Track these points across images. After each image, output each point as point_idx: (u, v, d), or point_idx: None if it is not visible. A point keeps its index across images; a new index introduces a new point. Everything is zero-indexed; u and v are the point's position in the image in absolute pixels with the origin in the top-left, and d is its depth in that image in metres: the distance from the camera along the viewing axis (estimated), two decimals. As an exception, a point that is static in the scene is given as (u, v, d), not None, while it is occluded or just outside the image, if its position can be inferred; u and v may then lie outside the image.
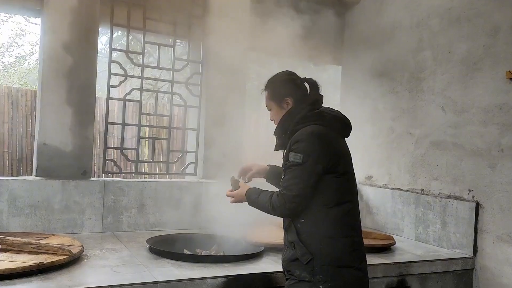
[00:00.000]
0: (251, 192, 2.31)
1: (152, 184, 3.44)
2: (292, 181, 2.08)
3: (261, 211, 2.26)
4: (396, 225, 3.83)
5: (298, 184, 2.06)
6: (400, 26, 3.91)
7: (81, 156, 3.31)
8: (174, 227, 3.48)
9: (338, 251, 2.08)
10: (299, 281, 2.09)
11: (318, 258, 2.05)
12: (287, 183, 2.10)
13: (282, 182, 2.15)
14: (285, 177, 2.13)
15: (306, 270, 2.06)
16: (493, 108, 3.14)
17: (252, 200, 2.29)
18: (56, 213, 3.14)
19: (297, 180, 2.07)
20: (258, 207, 2.26)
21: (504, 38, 3.08)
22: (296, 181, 2.07)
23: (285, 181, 2.11)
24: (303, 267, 2.07)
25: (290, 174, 2.10)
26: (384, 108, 4.02)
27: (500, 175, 3.08)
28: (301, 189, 2.06)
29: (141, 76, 3.48)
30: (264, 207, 2.20)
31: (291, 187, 2.07)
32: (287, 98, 2.28)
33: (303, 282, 2.08)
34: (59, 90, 3.26)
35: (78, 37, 3.28)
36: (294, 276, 2.12)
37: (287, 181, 2.10)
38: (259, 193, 2.26)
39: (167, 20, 3.56)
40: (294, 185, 2.07)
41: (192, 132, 3.72)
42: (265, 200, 2.18)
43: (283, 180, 2.14)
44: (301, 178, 2.06)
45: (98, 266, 2.43)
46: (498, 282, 3.06)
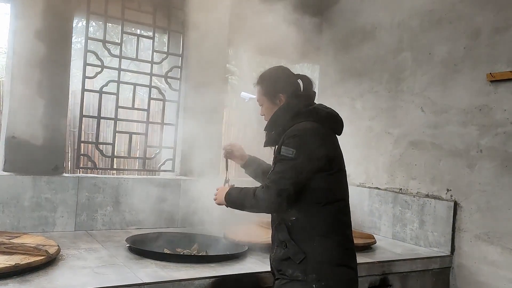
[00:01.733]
0: (231, 191, 2.22)
1: (128, 181, 3.30)
2: (280, 175, 2.00)
3: (243, 209, 2.16)
4: (373, 224, 3.85)
5: (286, 179, 1.99)
6: (380, 26, 3.93)
7: (52, 151, 3.13)
8: (151, 225, 3.36)
9: (331, 249, 2.05)
10: (291, 280, 2.04)
11: (311, 256, 2.01)
12: (274, 176, 2.02)
13: (270, 174, 2.07)
14: (274, 170, 2.05)
15: (298, 269, 2.02)
16: (472, 110, 3.20)
17: (232, 199, 2.19)
18: (26, 211, 2.96)
19: (286, 174, 2.00)
20: (239, 204, 2.16)
21: (485, 40, 3.14)
22: (284, 175, 2.00)
23: (273, 174, 2.03)
24: (296, 266, 2.02)
25: (279, 168, 2.03)
26: (362, 108, 4.04)
27: (479, 175, 3.14)
28: (288, 184, 1.98)
29: (119, 68, 3.33)
30: (246, 203, 2.10)
31: (279, 181, 1.99)
32: (281, 94, 2.23)
33: (296, 282, 2.03)
34: (30, 81, 3.06)
35: (52, 24, 3.10)
36: (286, 276, 2.06)
37: (275, 174, 2.02)
38: (240, 189, 2.18)
39: (147, 10, 3.43)
40: (282, 179, 1.99)
41: (170, 127, 3.60)
42: (249, 193, 2.07)
43: (271, 173, 2.06)
44: (290, 173, 1.99)
45: (77, 267, 2.29)
46: (475, 280, 3.13)
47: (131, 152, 3.45)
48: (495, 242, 3.02)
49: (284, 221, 2.08)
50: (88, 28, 3.23)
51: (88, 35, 3.24)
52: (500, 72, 3.00)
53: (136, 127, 5.61)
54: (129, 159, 3.53)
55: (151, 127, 3.48)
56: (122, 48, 3.34)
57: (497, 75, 3.01)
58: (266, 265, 2.53)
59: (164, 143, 3.55)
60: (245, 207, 2.14)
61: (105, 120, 3.39)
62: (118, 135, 3.36)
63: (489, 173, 3.08)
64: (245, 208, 2.14)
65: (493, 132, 3.07)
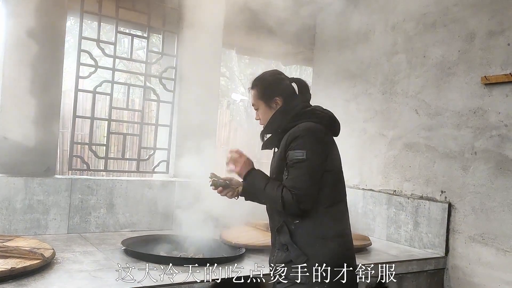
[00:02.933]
0: (256, 174, 2.10)
1: (122, 183, 3.26)
2: (300, 179, 1.96)
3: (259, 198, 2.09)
4: (367, 226, 3.86)
5: (307, 182, 1.96)
6: (375, 28, 3.95)
7: (45, 152, 3.08)
8: (145, 227, 3.32)
9: (333, 251, 2.04)
10: (293, 283, 2.03)
11: (314, 259, 2.00)
12: (294, 182, 1.97)
13: (288, 181, 2.01)
14: (291, 176, 2.00)
15: (301, 272, 2.00)
16: (467, 112, 3.23)
17: (255, 184, 2.08)
18: (18, 213, 2.89)
19: (306, 177, 1.96)
20: (262, 194, 2.06)
21: (480, 44, 3.17)
22: (304, 179, 1.96)
23: (292, 180, 1.98)
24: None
25: (296, 172, 1.98)
26: (356, 110, 4.05)
27: (473, 177, 3.17)
28: (310, 186, 1.96)
29: (113, 68, 3.28)
30: (271, 199, 2.02)
31: (301, 186, 1.95)
32: (277, 98, 2.20)
33: (299, 285, 2.01)
34: (22, 80, 3.01)
35: (44, 23, 3.05)
36: (288, 279, 2.05)
37: (294, 180, 1.98)
38: (265, 180, 2.06)
39: (141, 10, 3.39)
40: (303, 183, 1.96)
41: (164, 129, 3.56)
42: (275, 193, 1.99)
43: (289, 179, 2.00)
44: (309, 175, 1.97)
45: (74, 270, 2.24)
46: (469, 281, 3.15)
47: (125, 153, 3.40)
48: (490, 243, 3.04)
49: (287, 224, 2.06)
50: (82, 27, 3.18)
51: (81, 34, 3.18)
52: (495, 75, 3.03)
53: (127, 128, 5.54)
54: (123, 160, 3.47)
55: (145, 128, 3.44)
56: (116, 47, 3.30)
57: (492, 78, 3.04)
58: (264, 268, 2.51)
59: (158, 145, 3.51)
60: (267, 201, 2.07)
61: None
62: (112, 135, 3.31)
63: (483, 175, 3.11)
64: (265, 201, 2.08)
65: (488, 134, 3.10)
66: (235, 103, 7.79)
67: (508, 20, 3.03)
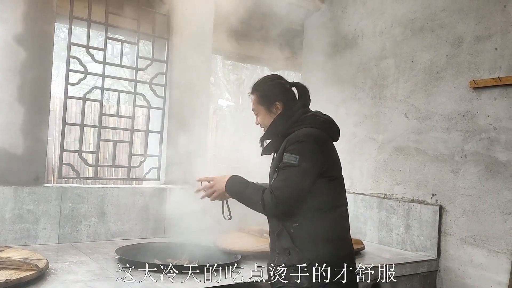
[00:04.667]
0: (235, 181, 2.14)
1: (113, 190, 3.20)
2: (285, 183, 2.00)
3: (243, 203, 2.12)
4: (358, 229, 3.88)
5: (291, 187, 1.99)
6: (363, 34, 3.99)
7: (33, 160, 3.01)
8: (137, 235, 3.27)
9: (335, 254, 2.05)
10: (294, 285, 2.02)
11: (316, 262, 2.00)
12: (279, 184, 2.01)
13: (274, 182, 2.05)
14: (278, 178, 2.04)
15: (303, 276, 2.00)
16: (456, 116, 3.28)
17: (236, 191, 2.12)
18: (7, 223, 2.82)
19: (290, 182, 2.00)
20: (243, 200, 2.10)
21: (468, 48, 3.23)
22: (289, 183, 2.00)
23: (278, 182, 2.02)
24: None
25: (283, 175, 2.02)
26: (346, 114, 4.07)
27: (463, 179, 3.22)
28: (294, 191, 1.99)
29: (103, 74, 3.23)
30: (251, 202, 2.06)
31: (284, 189, 1.99)
32: (277, 103, 2.21)
33: (299, 286, 2.01)
34: (10, 86, 2.95)
35: (33, 28, 2.99)
36: (289, 283, 2.04)
37: (279, 182, 2.02)
38: (245, 184, 2.11)
39: (131, 15, 3.36)
40: (287, 187, 1.99)
41: (155, 135, 3.53)
42: (255, 196, 2.03)
43: (276, 181, 2.05)
44: (294, 181, 2.00)
45: (70, 281, 2.19)
46: (461, 283, 3.19)
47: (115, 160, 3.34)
48: (481, 245, 3.09)
49: (286, 228, 2.06)
50: (71, 33, 3.13)
51: (71, 40, 3.13)
52: (483, 79, 3.08)
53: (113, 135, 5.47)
54: (113, 167, 3.42)
55: (135, 134, 3.40)
56: (106, 54, 3.25)
57: (480, 82, 3.09)
58: (262, 274, 2.50)
59: (149, 151, 3.48)
60: (248, 204, 2.09)
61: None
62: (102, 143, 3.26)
63: (474, 177, 3.16)
64: (247, 204, 2.10)
65: (477, 137, 3.15)
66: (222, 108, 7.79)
67: (495, 25, 3.09)
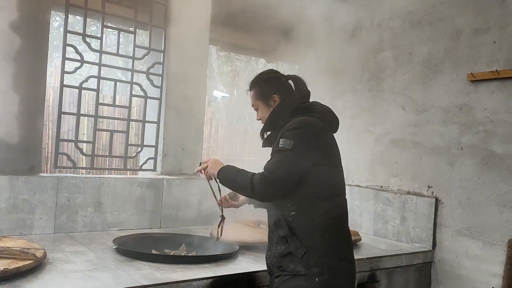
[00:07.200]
0: (228, 168, 2.18)
1: (110, 181, 3.18)
2: (276, 165, 2.02)
3: (234, 190, 2.20)
4: (354, 221, 3.89)
5: (281, 168, 2.00)
6: (361, 25, 3.98)
7: (29, 149, 2.97)
8: (134, 226, 3.25)
9: (332, 243, 2.06)
10: (293, 276, 2.03)
11: (313, 250, 2.01)
12: (270, 166, 2.04)
13: (267, 164, 2.07)
14: (270, 160, 2.08)
15: (301, 264, 2.01)
16: (453, 108, 3.29)
17: (227, 176, 2.15)
18: (2, 213, 2.79)
19: (282, 164, 2.01)
20: (233, 185, 2.14)
21: (466, 41, 3.24)
22: (279, 165, 2.01)
23: (269, 164, 2.05)
24: (298, 260, 2.01)
25: (276, 158, 2.05)
26: (343, 106, 4.07)
27: (459, 172, 3.23)
28: (284, 173, 1.99)
29: (99, 62, 3.19)
30: (241, 186, 2.08)
31: (274, 170, 2.00)
32: (274, 96, 2.26)
33: (298, 276, 2.02)
34: (4, 75, 2.89)
35: (28, 16, 2.94)
36: (287, 271, 2.05)
37: (271, 164, 2.05)
38: (237, 171, 2.14)
39: (128, 4, 3.31)
40: (277, 169, 2.00)
41: (152, 125, 3.50)
42: (245, 179, 2.05)
43: (268, 163, 2.07)
44: (286, 163, 2.01)
45: (68, 271, 2.18)
46: (456, 274, 3.22)
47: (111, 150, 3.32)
48: (476, 236, 3.11)
49: (283, 216, 2.07)
50: (68, 21, 3.09)
51: (67, 28, 3.09)
52: (481, 72, 3.09)
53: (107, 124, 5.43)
54: (109, 157, 3.40)
55: (132, 124, 3.37)
56: (102, 42, 3.21)
57: (478, 75, 3.10)
58: (259, 264, 2.51)
59: (146, 141, 3.45)
60: (239, 190, 2.15)
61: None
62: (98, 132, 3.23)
63: (470, 170, 3.18)
64: (238, 190, 2.17)
65: (474, 130, 3.16)
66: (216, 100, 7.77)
67: (493, 18, 3.10)
